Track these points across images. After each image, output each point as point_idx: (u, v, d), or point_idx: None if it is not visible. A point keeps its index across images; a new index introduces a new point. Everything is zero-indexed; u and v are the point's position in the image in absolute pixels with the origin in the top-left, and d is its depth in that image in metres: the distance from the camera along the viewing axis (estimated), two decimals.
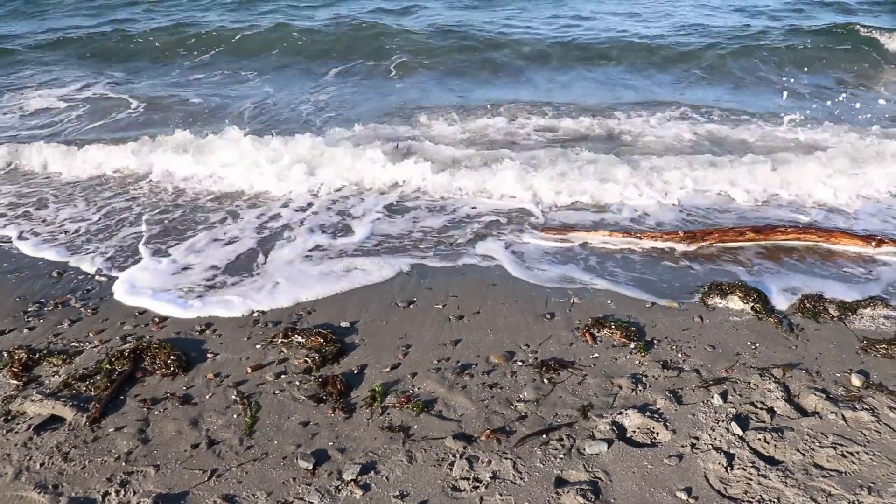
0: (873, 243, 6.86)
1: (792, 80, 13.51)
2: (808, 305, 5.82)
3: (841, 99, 12.38)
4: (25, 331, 5.57)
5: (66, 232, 7.48)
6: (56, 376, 4.97)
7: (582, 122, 11.14)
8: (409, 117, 11.60)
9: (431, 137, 10.44)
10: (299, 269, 6.56)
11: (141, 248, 7.06)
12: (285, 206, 8.12)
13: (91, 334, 5.51)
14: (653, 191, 8.16)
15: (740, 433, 4.27)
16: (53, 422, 4.51)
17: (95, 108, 12.52)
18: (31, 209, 8.19)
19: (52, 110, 12.50)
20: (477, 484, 3.92)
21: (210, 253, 6.94)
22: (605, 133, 10.76)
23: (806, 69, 13.89)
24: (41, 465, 4.10)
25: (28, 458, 4.15)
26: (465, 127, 11.07)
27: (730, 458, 4.06)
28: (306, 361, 5.12)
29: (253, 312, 5.83)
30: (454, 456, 4.14)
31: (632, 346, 5.30)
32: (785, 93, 12.67)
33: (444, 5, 19.67)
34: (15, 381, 4.90)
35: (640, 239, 7.05)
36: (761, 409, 4.52)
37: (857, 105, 12.03)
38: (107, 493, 3.88)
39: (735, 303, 5.85)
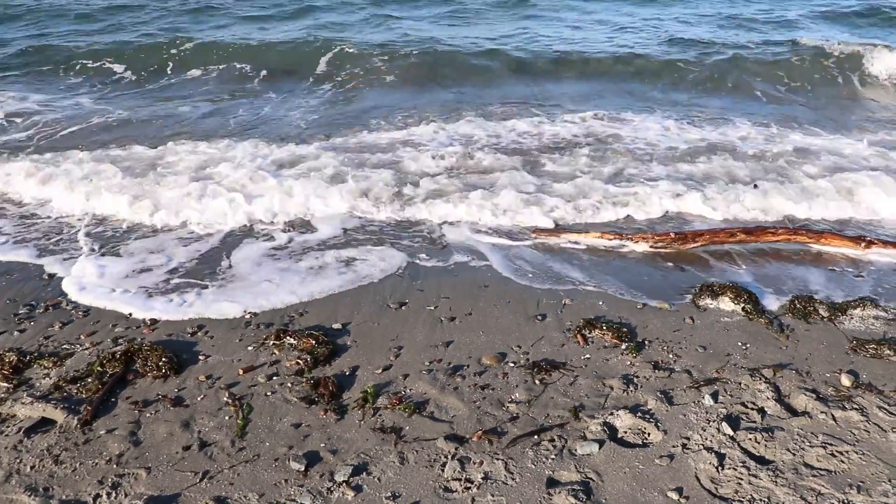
0: (863, 244, 6.90)
1: (774, 91, 13.53)
2: (798, 306, 5.86)
3: (816, 104, 12.58)
4: (16, 333, 5.55)
5: None
6: (47, 379, 4.95)
7: (567, 128, 11.17)
8: (388, 124, 11.58)
9: (408, 142, 10.48)
10: None
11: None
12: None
13: (82, 336, 5.50)
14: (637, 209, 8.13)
15: (731, 433, 4.29)
16: (44, 424, 4.49)
17: (72, 116, 12.28)
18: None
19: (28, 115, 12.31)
20: (469, 485, 3.92)
21: None
22: (591, 137, 10.75)
23: (787, 82, 13.90)
24: (32, 467, 4.09)
25: (18, 460, 4.14)
26: (447, 134, 11.05)
27: (721, 457, 4.08)
28: (298, 363, 5.12)
29: (245, 314, 5.83)
30: (446, 457, 4.14)
31: (623, 346, 5.31)
32: (766, 102, 12.81)
33: (418, 20, 19.28)
34: (5, 384, 4.87)
35: (632, 240, 7.07)
36: (752, 409, 4.54)
37: (835, 111, 12.21)
38: (98, 496, 3.87)
39: (726, 303, 5.87)
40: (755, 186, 8.41)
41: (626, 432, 4.38)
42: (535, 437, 4.32)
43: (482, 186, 8.51)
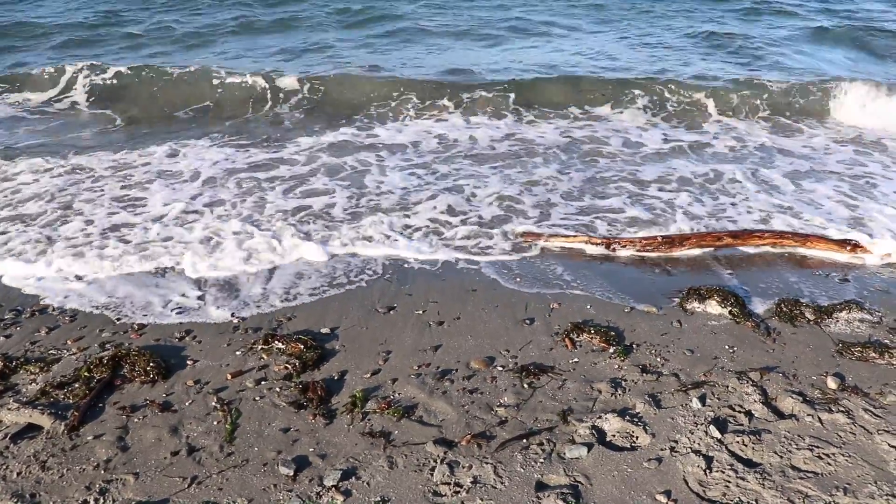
0: (848, 248, 6.95)
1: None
2: (784, 309, 5.89)
3: None
4: (1, 339, 5.51)
5: None
6: (33, 384, 4.92)
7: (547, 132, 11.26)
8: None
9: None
10: None
11: None
12: None
13: (69, 342, 5.47)
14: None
15: (719, 436, 4.31)
16: (31, 430, 4.46)
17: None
18: None
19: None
20: (458, 489, 3.92)
21: None
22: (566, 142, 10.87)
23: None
24: (18, 474, 4.06)
25: (5, 467, 4.11)
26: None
27: (708, 460, 4.10)
28: (286, 367, 5.11)
29: (233, 319, 5.81)
30: (435, 461, 4.14)
31: (611, 350, 5.33)
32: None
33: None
34: None
35: (620, 244, 7.09)
36: (739, 412, 4.56)
37: None
38: (86, 502, 3.85)
39: (713, 307, 5.90)
40: None
41: (614, 436, 4.39)
42: (524, 440, 4.32)
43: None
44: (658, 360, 5.23)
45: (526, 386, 4.91)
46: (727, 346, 5.41)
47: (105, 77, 13.69)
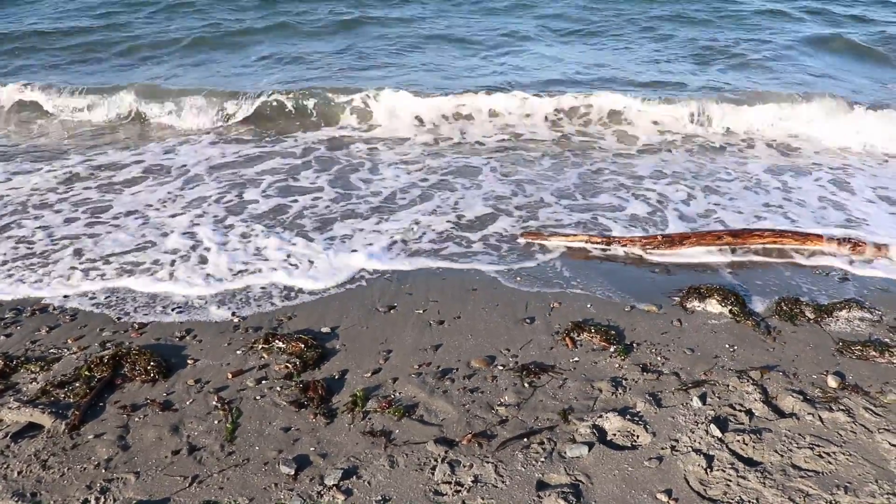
0: (848, 246, 6.95)
1: None
2: (784, 308, 5.90)
3: None
4: (2, 337, 5.51)
5: None
6: (34, 383, 4.92)
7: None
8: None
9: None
10: None
11: None
12: None
13: (69, 341, 5.46)
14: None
15: (719, 435, 4.31)
16: (31, 429, 4.46)
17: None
18: None
19: None
20: (459, 488, 3.93)
21: None
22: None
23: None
24: (19, 473, 4.06)
25: (5, 466, 4.11)
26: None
27: (709, 459, 4.10)
28: (287, 367, 5.11)
29: (234, 318, 5.81)
30: (436, 460, 4.14)
31: (611, 349, 5.33)
32: None
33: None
34: None
35: (620, 243, 7.09)
36: (740, 410, 4.57)
37: None
38: (86, 501, 3.85)
39: (713, 306, 5.90)
40: None
41: (615, 435, 4.39)
42: (525, 439, 4.32)
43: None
44: (658, 358, 5.24)
45: (526, 385, 4.91)
46: (727, 345, 5.41)
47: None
